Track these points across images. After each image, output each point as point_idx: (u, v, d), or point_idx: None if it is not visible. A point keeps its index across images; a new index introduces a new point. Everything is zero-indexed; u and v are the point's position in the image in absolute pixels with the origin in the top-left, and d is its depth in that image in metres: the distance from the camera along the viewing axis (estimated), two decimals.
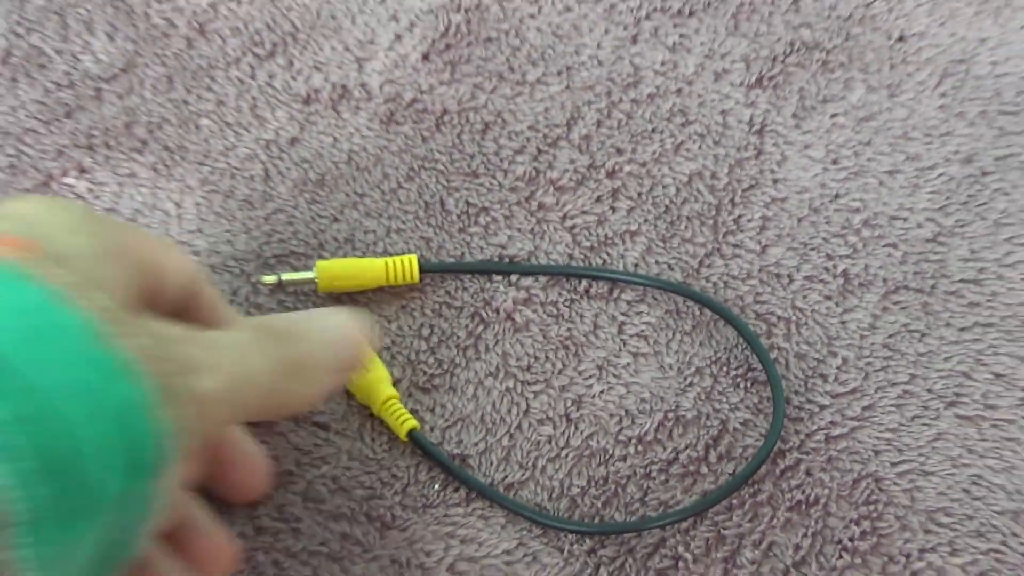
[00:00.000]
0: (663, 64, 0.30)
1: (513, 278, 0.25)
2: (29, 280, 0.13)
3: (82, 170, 0.26)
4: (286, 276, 0.24)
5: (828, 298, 0.26)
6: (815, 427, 0.23)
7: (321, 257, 0.25)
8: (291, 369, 0.17)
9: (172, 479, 0.15)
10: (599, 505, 0.22)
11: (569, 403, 0.24)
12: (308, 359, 0.18)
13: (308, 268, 0.25)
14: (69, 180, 0.26)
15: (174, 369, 0.14)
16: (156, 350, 0.14)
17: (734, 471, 0.23)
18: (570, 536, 0.21)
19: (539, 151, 0.28)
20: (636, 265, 0.26)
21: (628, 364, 0.24)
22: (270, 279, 0.24)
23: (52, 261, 0.14)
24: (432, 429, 0.23)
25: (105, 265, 0.15)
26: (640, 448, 0.23)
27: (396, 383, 0.23)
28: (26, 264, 0.13)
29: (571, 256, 0.26)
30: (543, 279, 0.25)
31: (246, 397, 0.16)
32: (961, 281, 0.26)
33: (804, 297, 0.26)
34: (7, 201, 0.17)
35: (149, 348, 0.14)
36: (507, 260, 0.26)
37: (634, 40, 0.30)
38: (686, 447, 0.23)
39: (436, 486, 0.22)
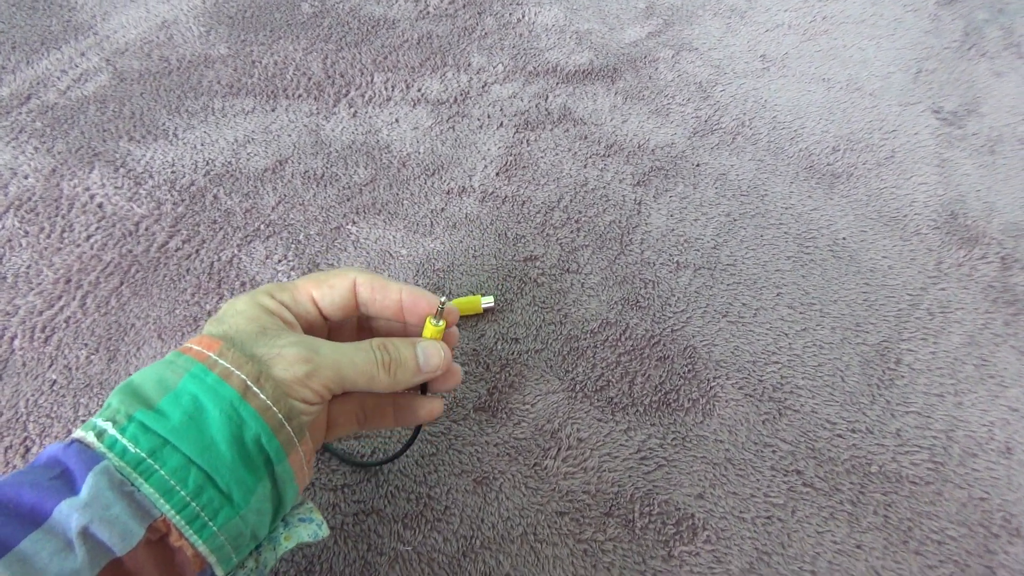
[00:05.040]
0: None
1: None
2: (208, 373, 0.24)
3: None
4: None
5: None
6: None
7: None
8: (386, 365, 0.27)
9: (295, 444, 0.25)
10: None
11: None
12: (406, 361, 0.28)
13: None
14: None
15: (255, 374, 0.24)
16: (249, 366, 0.24)
17: None
18: None
19: None
20: None
21: None
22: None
23: (226, 345, 0.25)
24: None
25: (256, 336, 0.25)
26: None
27: None
28: (206, 361, 0.24)
29: None
30: None
31: (343, 376, 0.26)
32: None
33: None
34: (228, 302, 0.27)
35: (249, 369, 0.24)
36: None
37: None
38: None
39: None
